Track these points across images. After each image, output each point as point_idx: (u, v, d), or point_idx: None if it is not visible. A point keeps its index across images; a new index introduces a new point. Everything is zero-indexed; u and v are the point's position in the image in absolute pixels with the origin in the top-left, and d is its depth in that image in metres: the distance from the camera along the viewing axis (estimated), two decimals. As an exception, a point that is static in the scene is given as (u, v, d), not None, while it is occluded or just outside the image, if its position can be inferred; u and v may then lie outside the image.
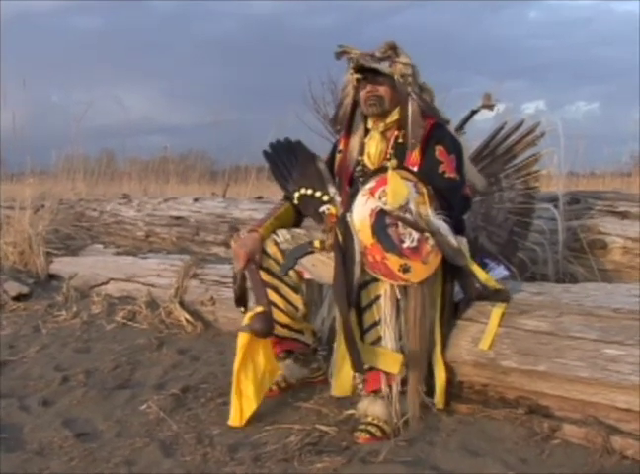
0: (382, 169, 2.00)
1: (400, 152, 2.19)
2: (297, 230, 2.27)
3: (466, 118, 2.39)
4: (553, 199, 3.17)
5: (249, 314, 2.06)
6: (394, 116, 2.23)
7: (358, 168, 2.27)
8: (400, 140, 2.22)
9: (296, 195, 2.20)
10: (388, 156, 2.20)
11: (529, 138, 2.89)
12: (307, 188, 2.18)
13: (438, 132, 2.17)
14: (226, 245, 4.64)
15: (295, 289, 2.21)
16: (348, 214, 1.94)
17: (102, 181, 8.28)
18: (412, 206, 1.91)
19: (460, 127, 2.64)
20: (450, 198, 2.05)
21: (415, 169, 2.09)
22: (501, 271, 2.38)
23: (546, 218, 3.10)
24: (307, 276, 2.14)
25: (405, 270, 1.87)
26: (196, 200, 5.55)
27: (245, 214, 4.89)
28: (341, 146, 2.34)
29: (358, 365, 1.88)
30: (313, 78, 9.64)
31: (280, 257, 2.18)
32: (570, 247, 3.08)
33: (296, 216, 2.30)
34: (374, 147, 2.24)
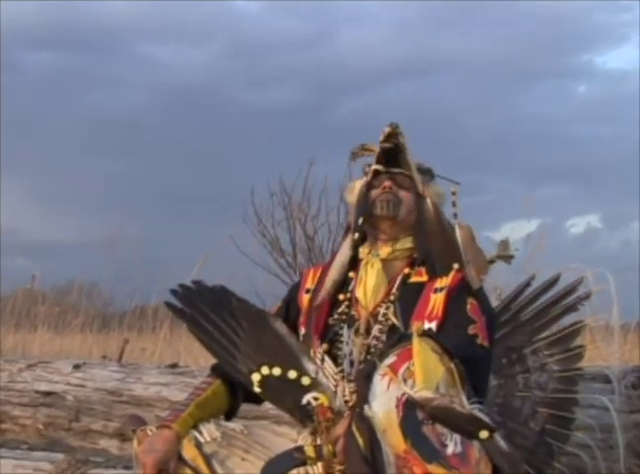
0: (404, 337, 1.97)
1: (407, 296, 2.22)
2: (231, 425, 2.24)
3: None
4: (615, 379, 3.15)
5: None
6: (406, 243, 2.31)
7: (338, 311, 2.27)
8: (412, 279, 2.26)
9: (255, 378, 2.12)
10: (392, 298, 2.23)
11: (569, 301, 2.93)
12: (272, 366, 2.12)
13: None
14: (121, 437, 4.51)
15: None
16: (366, 407, 1.85)
17: None
18: (443, 390, 1.85)
19: None
20: (480, 375, 2.07)
21: (434, 324, 2.11)
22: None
23: (599, 407, 3.07)
24: None
25: None
26: (77, 367, 5.36)
27: (151, 391, 4.74)
28: (309, 284, 2.37)
29: None
30: (258, 184, 9.29)
31: (202, 464, 2.14)
32: (638, 453, 3.04)
33: (230, 401, 2.31)
34: (372, 279, 2.26)
